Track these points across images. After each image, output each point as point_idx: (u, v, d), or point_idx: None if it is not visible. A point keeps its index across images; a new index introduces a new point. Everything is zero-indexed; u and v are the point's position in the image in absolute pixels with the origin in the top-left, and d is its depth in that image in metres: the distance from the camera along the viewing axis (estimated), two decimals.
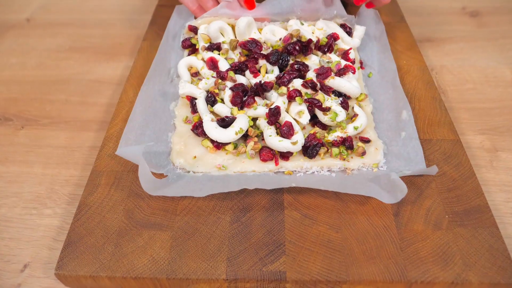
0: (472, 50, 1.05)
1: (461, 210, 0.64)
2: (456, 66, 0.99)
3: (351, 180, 0.66)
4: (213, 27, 0.87)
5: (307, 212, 0.64)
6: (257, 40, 0.84)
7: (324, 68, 0.77)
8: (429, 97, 0.83)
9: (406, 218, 0.63)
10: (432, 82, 0.87)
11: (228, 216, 0.64)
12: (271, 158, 0.69)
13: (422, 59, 0.93)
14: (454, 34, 1.10)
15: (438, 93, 0.84)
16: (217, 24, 0.87)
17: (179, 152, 0.71)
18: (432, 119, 0.79)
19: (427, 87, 0.86)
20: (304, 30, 0.84)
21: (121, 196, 0.67)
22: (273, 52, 0.81)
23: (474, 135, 0.83)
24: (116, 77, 0.99)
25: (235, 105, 0.74)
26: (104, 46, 1.09)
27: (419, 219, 0.63)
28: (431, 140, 0.75)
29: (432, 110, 0.80)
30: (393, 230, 0.62)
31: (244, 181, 0.65)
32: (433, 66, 0.99)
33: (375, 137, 0.72)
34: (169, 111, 0.80)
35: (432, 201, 0.65)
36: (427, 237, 0.61)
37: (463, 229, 0.62)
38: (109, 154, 0.74)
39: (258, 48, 0.82)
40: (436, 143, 0.74)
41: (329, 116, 0.71)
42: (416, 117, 0.79)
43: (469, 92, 0.92)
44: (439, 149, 0.73)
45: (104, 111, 0.90)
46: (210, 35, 0.87)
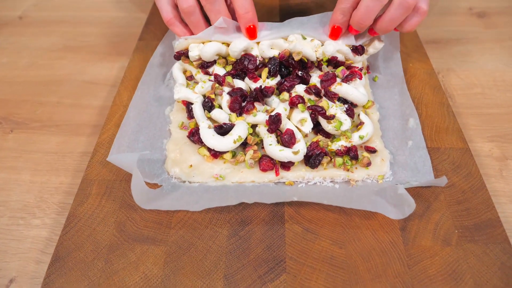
0: (480, 52, 1.01)
1: (471, 225, 0.60)
2: (463, 69, 0.95)
3: (355, 192, 0.62)
4: (208, 51, 0.75)
5: (309, 226, 0.61)
6: (250, 54, 0.75)
7: (329, 74, 0.72)
8: (437, 102, 0.80)
9: (413, 233, 0.59)
10: (440, 87, 0.83)
11: (226, 229, 0.60)
12: (271, 168, 0.65)
13: (429, 62, 0.89)
14: (461, 35, 1.06)
15: (446, 98, 0.80)
16: (213, 48, 0.75)
17: (175, 161, 0.67)
18: (440, 126, 0.75)
19: (434, 92, 0.82)
20: (306, 49, 0.74)
21: (112, 207, 0.63)
22: (271, 61, 0.75)
23: (483, 142, 0.79)
24: (111, 78, 0.95)
25: (234, 111, 0.70)
26: (99, 45, 1.05)
27: (427, 234, 0.59)
28: (439, 149, 0.71)
29: (440, 117, 0.77)
30: (400, 246, 0.58)
31: (242, 194, 0.61)
32: (439, 69, 0.95)
33: (381, 147, 0.69)
34: (164, 116, 0.76)
35: (441, 215, 0.62)
36: (435, 253, 0.57)
37: (473, 245, 0.58)
38: (100, 162, 0.70)
39: (252, 62, 0.74)
40: (444, 152, 0.70)
41: (333, 125, 0.67)
42: (423, 124, 0.75)
43: (477, 97, 0.88)
44: (447, 158, 0.69)
45: (98, 114, 0.86)
46: (205, 59, 0.77)
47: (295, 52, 0.74)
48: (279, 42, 0.76)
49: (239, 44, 0.74)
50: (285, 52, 0.75)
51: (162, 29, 1.01)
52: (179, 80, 0.78)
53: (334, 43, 0.75)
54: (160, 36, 0.98)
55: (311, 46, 0.76)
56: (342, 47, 0.76)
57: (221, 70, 0.77)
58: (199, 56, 0.78)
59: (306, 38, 0.77)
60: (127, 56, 1.00)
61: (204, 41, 0.78)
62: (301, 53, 0.74)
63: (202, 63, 0.78)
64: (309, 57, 0.76)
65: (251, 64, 0.74)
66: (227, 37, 0.76)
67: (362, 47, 0.79)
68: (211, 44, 0.75)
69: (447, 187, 0.65)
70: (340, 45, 0.76)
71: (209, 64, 0.78)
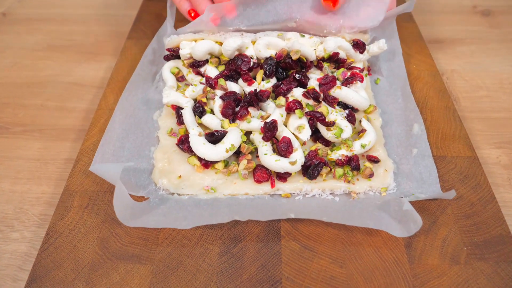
0: (485, 53, 0.96)
1: (481, 241, 0.56)
2: (468, 70, 0.91)
3: (357, 207, 0.58)
4: (200, 50, 0.71)
5: (307, 243, 0.56)
6: (244, 55, 0.71)
7: (329, 77, 0.67)
8: (442, 106, 0.75)
9: (419, 250, 0.55)
10: (445, 90, 0.79)
11: (217, 247, 0.56)
12: (266, 179, 0.61)
13: (433, 63, 0.84)
14: (465, 35, 1.02)
15: (451, 102, 0.76)
16: (205, 46, 0.71)
17: (162, 171, 0.62)
18: (445, 133, 0.71)
19: (439, 96, 0.77)
20: (304, 47, 0.70)
21: (95, 222, 0.59)
22: (267, 61, 0.70)
23: (490, 149, 0.75)
24: (98, 79, 0.90)
25: (226, 117, 0.65)
26: (86, 45, 1.00)
27: (434, 252, 0.55)
28: (446, 157, 0.67)
29: (446, 122, 0.72)
30: (405, 264, 0.54)
31: (235, 209, 0.57)
32: (443, 71, 0.90)
33: (384, 156, 0.64)
34: (152, 122, 0.72)
35: (448, 230, 0.57)
36: (443, 273, 0.53)
37: (483, 263, 0.54)
38: (83, 171, 0.65)
39: (246, 63, 0.70)
40: (451, 161, 0.66)
41: (333, 132, 0.63)
42: (428, 130, 0.71)
43: (483, 100, 0.84)
44: (454, 168, 0.65)
45: (83, 118, 0.81)
46: (196, 58, 0.73)
47: (293, 51, 0.70)
48: (276, 41, 0.71)
49: (232, 43, 0.69)
50: (283, 51, 0.70)
51: (152, 27, 0.96)
52: (169, 82, 0.73)
53: (334, 39, 0.72)
54: (150, 35, 0.93)
55: (310, 44, 0.72)
56: (343, 42, 0.72)
57: (213, 70, 0.72)
58: (190, 55, 0.73)
59: (305, 36, 0.73)
60: (115, 56, 0.95)
61: (196, 39, 0.74)
62: (300, 52, 0.70)
63: (193, 62, 0.73)
64: (308, 56, 0.71)
65: (244, 65, 0.69)
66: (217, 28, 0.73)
67: (363, 42, 0.75)
68: (203, 42, 0.71)
69: (455, 199, 0.61)
70: (340, 41, 0.72)
71: (201, 64, 0.73)
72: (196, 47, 0.71)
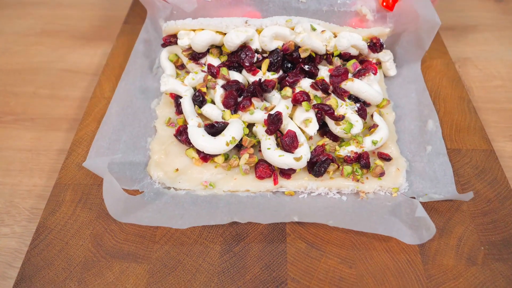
0: (498, 40, 0.92)
1: (499, 240, 0.53)
2: (481, 59, 0.87)
3: (365, 208, 0.54)
4: (200, 42, 0.65)
5: (314, 241, 0.53)
6: (248, 48, 0.65)
7: (341, 69, 0.63)
8: (456, 97, 0.71)
9: (433, 250, 0.52)
10: (459, 79, 0.75)
11: (218, 245, 0.52)
12: (269, 175, 0.57)
13: (446, 51, 0.80)
14: (478, 21, 0.97)
15: (465, 92, 0.72)
16: (205, 38, 0.65)
17: (158, 163, 0.59)
18: (460, 124, 0.67)
19: (453, 85, 0.73)
20: (315, 43, 0.65)
21: (88, 217, 0.55)
22: (273, 54, 0.65)
23: (505, 141, 0.71)
24: (93, 66, 0.86)
25: (228, 108, 0.61)
26: (81, 29, 0.96)
27: (450, 252, 0.52)
28: (460, 150, 0.63)
29: (460, 113, 0.68)
30: (419, 265, 0.51)
31: (235, 209, 0.53)
32: (455, 59, 0.86)
33: (397, 154, 0.60)
34: (150, 111, 0.68)
35: (464, 228, 0.54)
36: (459, 274, 0.50)
37: (502, 264, 0.51)
38: (76, 163, 0.62)
39: (249, 58, 0.65)
40: (466, 154, 0.63)
41: (342, 127, 0.58)
42: (442, 121, 0.67)
43: (498, 90, 0.80)
44: (469, 162, 0.62)
45: (77, 106, 0.78)
46: (196, 50, 0.67)
47: (302, 49, 0.65)
48: (284, 32, 0.65)
49: (235, 39, 0.64)
50: (290, 45, 0.65)
51: None
52: (167, 70, 0.69)
53: (349, 36, 0.66)
54: None
55: (321, 39, 0.67)
56: (358, 41, 0.66)
57: (215, 61, 0.68)
58: (189, 46, 0.69)
59: (316, 29, 0.66)
60: (111, 41, 0.90)
61: (195, 29, 0.68)
62: (309, 50, 0.65)
63: (193, 54, 0.69)
64: (318, 51, 0.67)
65: (247, 60, 0.64)
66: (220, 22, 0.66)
67: (381, 44, 0.69)
68: (203, 33, 0.65)
69: None
70: (356, 39, 0.66)
71: (201, 55, 0.69)
72: (195, 39, 0.66)
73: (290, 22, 0.66)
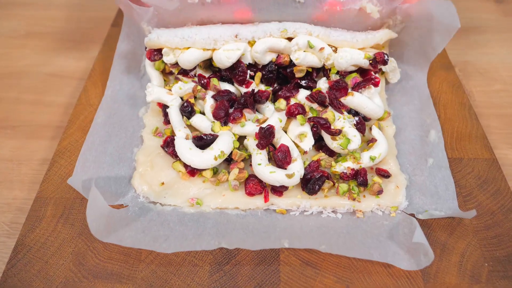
0: (500, 43, 0.90)
1: (503, 256, 0.50)
2: (482, 62, 0.84)
3: (361, 228, 0.52)
4: (188, 60, 0.61)
5: (309, 259, 0.50)
6: (240, 62, 0.61)
7: (341, 83, 0.59)
8: (457, 103, 0.69)
9: (435, 268, 0.49)
10: (459, 84, 0.72)
11: (208, 264, 0.50)
12: (259, 192, 0.54)
13: (445, 54, 0.78)
14: (478, 23, 0.95)
15: (466, 97, 0.70)
16: (192, 57, 0.61)
17: (144, 176, 0.56)
18: (461, 132, 0.64)
19: (453, 90, 0.71)
20: (312, 62, 0.62)
21: (70, 234, 0.53)
22: (267, 68, 0.62)
23: (508, 148, 0.69)
24: (80, 70, 0.83)
25: (218, 119, 0.58)
26: (68, 32, 0.93)
27: (452, 269, 0.49)
28: (462, 160, 0.61)
29: (461, 120, 0.66)
30: (419, 283, 0.48)
31: (223, 231, 0.51)
32: (455, 62, 0.84)
33: (396, 170, 0.57)
34: (137, 119, 0.65)
35: (467, 244, 0.51)
36: None
37: (508, 282, 0.48)
38: (59, 175, 0.59)
39: (240, 74, 0.61)
40: (467, 164, 0.60)
41: (339, 142, 0.56)
42: (442, 129, 0.64)
43: (499, 95, 0.78)
44: (471, 172, 0.59)
45: (62, 113, 0.75)
46: (184, 67, 0.64)
47: (298, 68, 0.62)
48: (278, 45, 0.61)
49: (226, 61, 0.60)
50: (285, 61, 0.61)
51: None
52: (154, 80, 0.65)
53: (348, 56, 0.60)
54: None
55: (319, 57, 0.62)
56: (359, 60, 0.61)
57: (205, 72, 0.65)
58: (176, 62, 0.64)
59: (314, 46, 0.61)
60: (100, 44, 0.87)
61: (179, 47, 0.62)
62: (305, 69, 0.62)
63: (181, 70, 0.65)
64: (315, 66, 0.63)
65: (239, 77, 0.61)
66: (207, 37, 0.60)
67: (383, 60, 0.61)
68: (190, 52, 0.61)
69: (473, 207, 0.55)
70: (356, 58, 0.61)
71: (190, 70, 0.65)
72: (182, 58, 0.62)
73: (285, 32, 0.61)
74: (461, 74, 0.82)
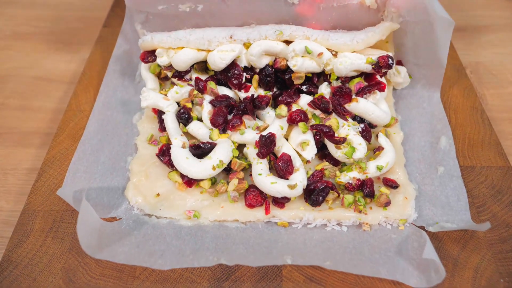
0: None
1: None
2: (495, 62, 0.85)
3: (367, 242, 0.52)
4: (181, 61, 0.62)
5: (313, 274, 0.50)
6: (236, 65, 0.62)
7: (345, 89, 0.59)
8: (468, 107, 0.69)
9: (447, 283, 0.49)
10: (471, 87, 0.72)
11: (206, 280, 0.50)
12: (260, 203, 0.54)
13: (456, 56, 0.78)
14: (491, 21, 0.95)
15: (479, 101, 0.70)
16: (186, 57, 0.61)
17: (138, 187, 0.56)
18: (473, 138, 0.64)
19: (464, 93, 0.71)
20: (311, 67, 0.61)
21: (60, 249, 0.53)
22: (264, 71, 0.61)
23: None
24: (69, 73, 0.84)
25: (216, 126, 0.58)
26: (56, 32, 0.93)
27: (465, 285, 0.49)
28: (474, 168, 0.61)
29: (473, 125, 0.66)
30: None
31: (222, 245, 0.51)
32: (466, 63, 0.84)
33: (405, 180, 0.57)
34: (131, 126, 0.66)
35: (481, 258, 0.51)
36: None
37: None
38: (48, 186, 0.59)
39: (236, 77, 0.61)
40: (480, 172, 0.60)
41: (343, 151, 0.55)
42: (453, 135, 0.64)
43: None
44: (485, 181, 0.59)
45: (50, 119, 0.75)
46: (178, 69, 0.64)
47: (296, 75, 0.61)
48: (274, 48, 0.60)
49: (220, 63, 0.60)
50: (282, 65, 0.61)
51: None
52: (148, 83, 0.66)
53: (348, 62, 0.59)
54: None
55: (318, 62, 0.61)
56: (360, 64, 0.59)
57: (201, 75, 0.65)
58: (170, 63, 0.65)
59: (312, 52, 0.60)
60: (90, 45, 0.87)
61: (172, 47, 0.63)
62: (304, 76, 0.62)
63: (176, 72, 0.65)
64: (314, 71, 0.63)
65: (235, 80, 0.61)
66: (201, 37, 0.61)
67: (388, 64, 0.59)
68: (184, 53, 0.61)
69: (487, 219, 0.55)
70: (357, 63, 0.59)
71: (183, 73, 0.65)
72: (176, 59, 0.62)
73: (281, 35, 0.61)
74: (472, 76, 0.82)
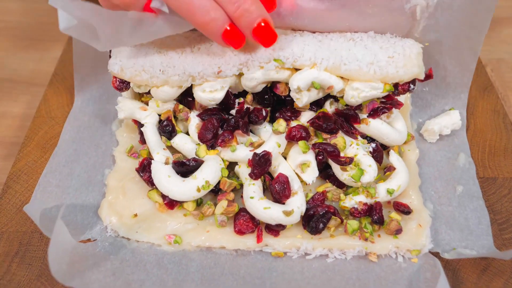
0: None
1: None
2: None
3: (374, 273, 0.52)
4: (162, 99, 0.59)
5: None
6: (218, 109, 0.59)
7: (352, 111, 0.58)
8: (489, 110, 0.70)
9: None
10: (492, 87, 0.74)
11: None
12: (251, 230, 0.54)
13: None
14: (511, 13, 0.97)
15: (501, 103, 0.71)
16: (168, 95, 0.58)
17: (113, 205, 0.57)
18: (494, 146, 0.66)
19: (484, 95, 0.72)
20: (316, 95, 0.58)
21: (27, 276, 0.53)
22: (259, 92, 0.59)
23: None
24: (39, 74, 0.85)
25: (204, 142, 0.58)
26: (24, 28, 0.95)
27: None
28: (496, 179, 0.62)
29: (494, 131, 0.67)
30: None
31: (209, 276, 0.51)
32: (487, 61, 0.85)
33: (419, 205, 0.57)
34: (110, 134, 0.67)
35: (505, 282, 0.52)
36: None
37: None
38: (13, 204, 0.60)
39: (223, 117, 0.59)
40: (503, 184, 0.61)
41: (350, 173, 0.55)
42: (471, 142, 0.66)
43: None
44: (508, 194, 0.60)
45: (17, 127, 0.76)
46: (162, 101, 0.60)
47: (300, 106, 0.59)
48: (273, 78, 0.57)
49: (208, 104, 0.58)
50: (283, 90, 0.58)
51: None
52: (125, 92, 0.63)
53: (360, 95, 0.55)
54: None
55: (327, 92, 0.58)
56: (376, 95, 0.56)
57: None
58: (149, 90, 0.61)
59: (320, 87, 0.56)
60: (63, 43, 0.88)
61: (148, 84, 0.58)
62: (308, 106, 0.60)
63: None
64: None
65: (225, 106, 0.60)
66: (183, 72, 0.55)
67: (407, 89, 0.56)
68: (164, 90, 0.57)
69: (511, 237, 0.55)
70: (373, 92, 0.55)
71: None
72: (156, 94, 0.58)
73: (282, 64, 0.56)
74: (493, 74, 0.83)
